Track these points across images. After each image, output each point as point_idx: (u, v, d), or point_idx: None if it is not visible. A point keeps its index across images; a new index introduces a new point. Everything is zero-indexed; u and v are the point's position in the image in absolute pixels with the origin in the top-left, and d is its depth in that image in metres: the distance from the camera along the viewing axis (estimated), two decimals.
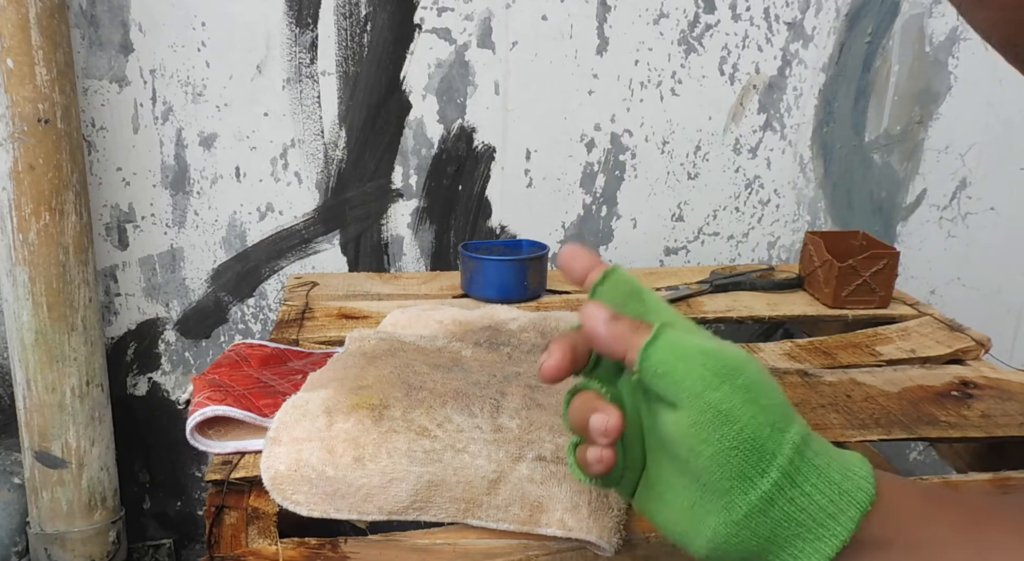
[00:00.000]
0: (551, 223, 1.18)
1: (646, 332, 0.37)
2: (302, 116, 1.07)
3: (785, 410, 0.36)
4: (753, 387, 0.35)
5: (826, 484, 0.35)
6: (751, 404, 0.35)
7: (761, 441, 0.34)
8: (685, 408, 0.35)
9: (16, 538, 1.03)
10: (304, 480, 0.54)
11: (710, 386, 0.35)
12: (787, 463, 0.34)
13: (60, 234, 0.94)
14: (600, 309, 0.39)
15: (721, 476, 0.35)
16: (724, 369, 0.35)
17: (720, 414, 0.35)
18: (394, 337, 0.77)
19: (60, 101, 0.91)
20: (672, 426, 0.36)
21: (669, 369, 0.36)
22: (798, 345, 0.88)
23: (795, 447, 0.35)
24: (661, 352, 0.36)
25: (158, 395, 1.17)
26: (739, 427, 0.34)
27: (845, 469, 0.36)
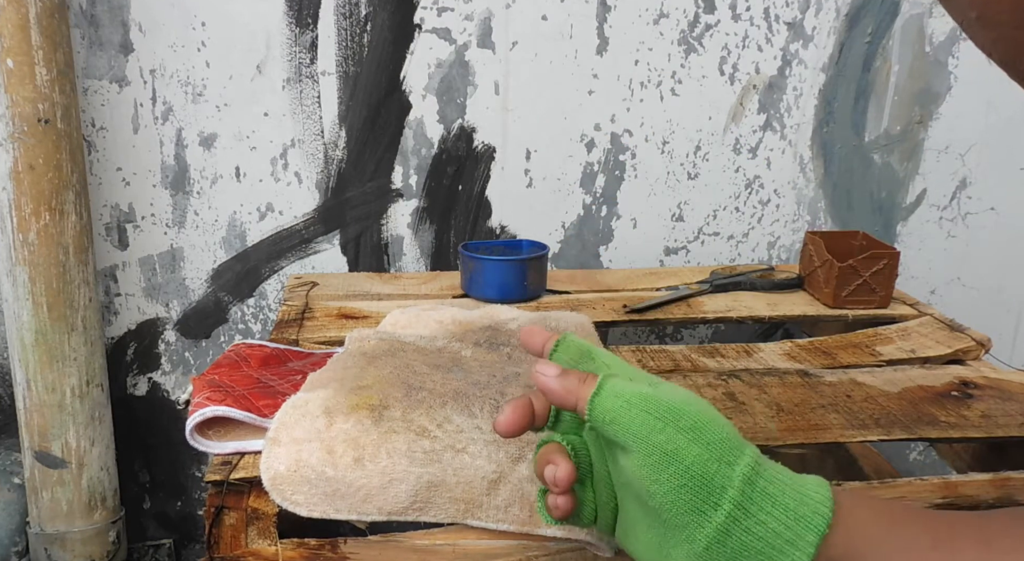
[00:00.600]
0: (551, 223, 1.18)
1: (593, 383, 0.40)
2: (302, 116, 1.07)
3: (732, 444, 0.37)
4: (697, 427, 0.37)
5: (781, 511, 0.36)
6: (695, 443, 0.37)
7: (709, 477, 0.36)
8: (634, 451, 0.37)
9: (16, 538, 1.03)
10: (304, 481, 0.54)
11: (654, 429, 0.37)
12: (738, 494, 0.36)
13: (60, 234, 0.94)
14: (549, 366, 0.42)
15: (676, 512, 0.36)
16: (667, 413, 0.38)
17: (666, 455, 0.37)
18: (394, 337, 0.77)
19: (60, 101, 0.91)
20: (627, 468, 0.38)
21: (616, 416, 0.38)
22: (798, 345, 0.88)
23: (745, 478, 0.36)
24: (607, 401, 0.39)
25: (158, 395, 1.17)
26: (685, 466, 0.36)
27: (800, 495, 0.37)
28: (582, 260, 1.20)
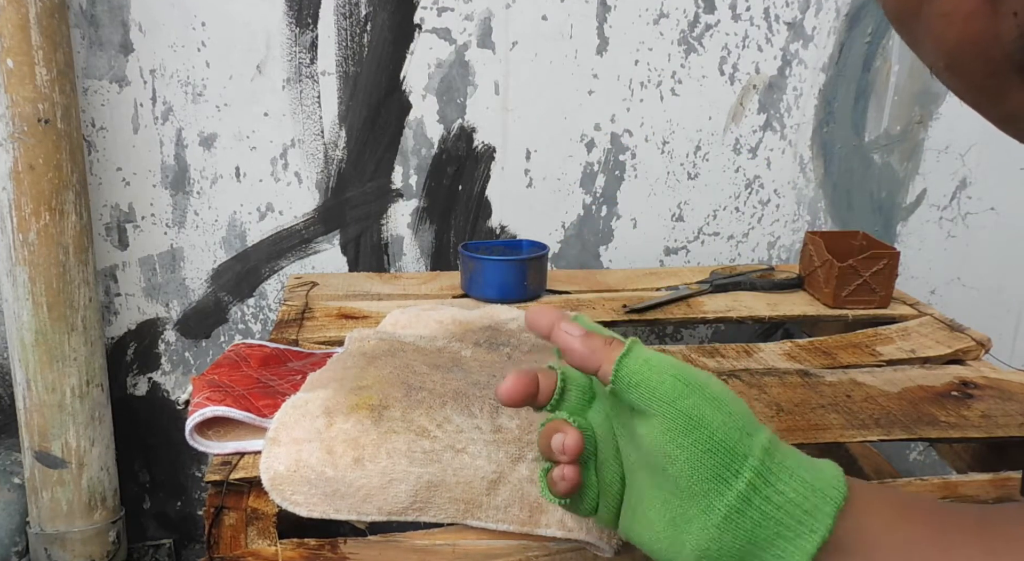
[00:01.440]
0: (551, 223, 1.18)
1: (619, 346, 0.40)
2: (302, 116, 1.07)
3: (752, 419, 0.38)
4: (721, 397, 0.38)
5: (799, 482, 0.36)
6: (720, 411, 0.37)
7: (732, 444, 0.36)
8: (659, 416, 0.37)
9: (16, 538, 1.03)
10: (303, 481, 0.54)
11: (681, 395, 0.37)
12: (759, 463, 0.36)
13: (60, 234, 0.94)
14: (574, 326, 0.41)
15: (697, 479, 0.36)
16: (693, 380, 0.38)
17: (692, 420, 0.36)
18: (394, 337, 0.77)
19: (60, 101, 0.91)
20: (647, 435, 0.38)
21: (642, 379, 0.38)
22: (798, 345, 0.88)
23: (765, 449, 0.37)
24: (634, 364, 0.38)
25: (158, 395, 1.17)
26: (710, 431, 0.36)
27: (816, 469, 0.37)
28: (582, 260, 1.20)
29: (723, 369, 0.80)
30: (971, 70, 0.26)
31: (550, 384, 0.43)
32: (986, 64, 0.25)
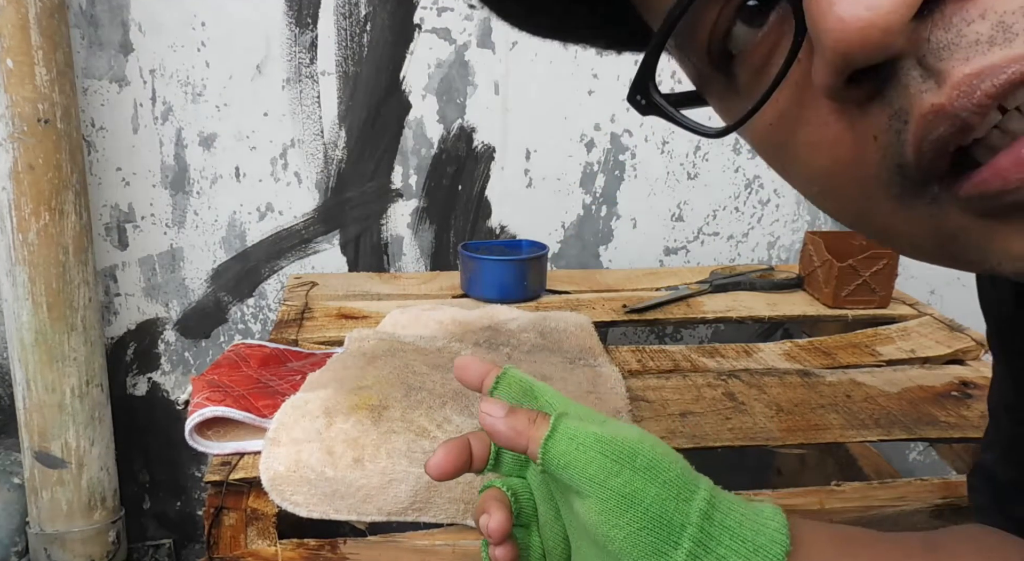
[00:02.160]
0: (551, 223, 1.18)
1: (544, 424, 0.38)
2: (302, 116, 1.07)
3: (687, 479, 0.37)
4: (652, 465, 0.37)
5: (739, 544, 0.36)
6: (653, 482, 0.36)
7: (668, 516, 0.36)
8: (591, 496, 0.37)
9: (16, 538, 1.03)
10: (303, 481, 0.54)
11: (611, 473, 0.36)
12: (697, 531, 0.35)
13: (60, 234, 0.94)
14: (496, 406, 0.40)
15: (638, 556, 0.36)
16: (622, 454, 0.37)
17: (624, 498, 0.36)
18: (394, 337, 0.77)
19: (60, 101, 0.91)
20: (583, 514, 0.37)
21: (570, 460, 0.37)
22: (798, 345, 0.87)
23: (702, 513, 0.36)
24: (560, 445, 0.37)
25: (158, 395, 1.17)
26: (644, 507, 0.36)
27: (757, 525, 0.36)
28: (582, 260, 1.20)
29: (723, 369, 0.80)
30: (844, 194, 0.26)
31: (484, 448, 0.42)
32: (857, 186, 0.25)
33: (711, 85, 0.30)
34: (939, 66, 0.21)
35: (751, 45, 0.26)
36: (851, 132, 0.24)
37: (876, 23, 0.20)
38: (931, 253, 0.26)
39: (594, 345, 0.80)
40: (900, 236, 0.26)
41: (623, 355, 0.83)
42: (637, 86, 0.28)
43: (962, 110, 0.21)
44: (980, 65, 0.20)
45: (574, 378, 0.71)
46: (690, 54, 0.29)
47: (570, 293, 1.02)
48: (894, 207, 0.25)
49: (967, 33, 0.20)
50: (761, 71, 0.26)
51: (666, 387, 0.74)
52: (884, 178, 0.24)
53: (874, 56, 0.21)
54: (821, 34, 0.21)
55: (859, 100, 0.23)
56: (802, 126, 0.25)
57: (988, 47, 0.20)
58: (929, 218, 0.24)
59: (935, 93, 0.21)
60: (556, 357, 0.76)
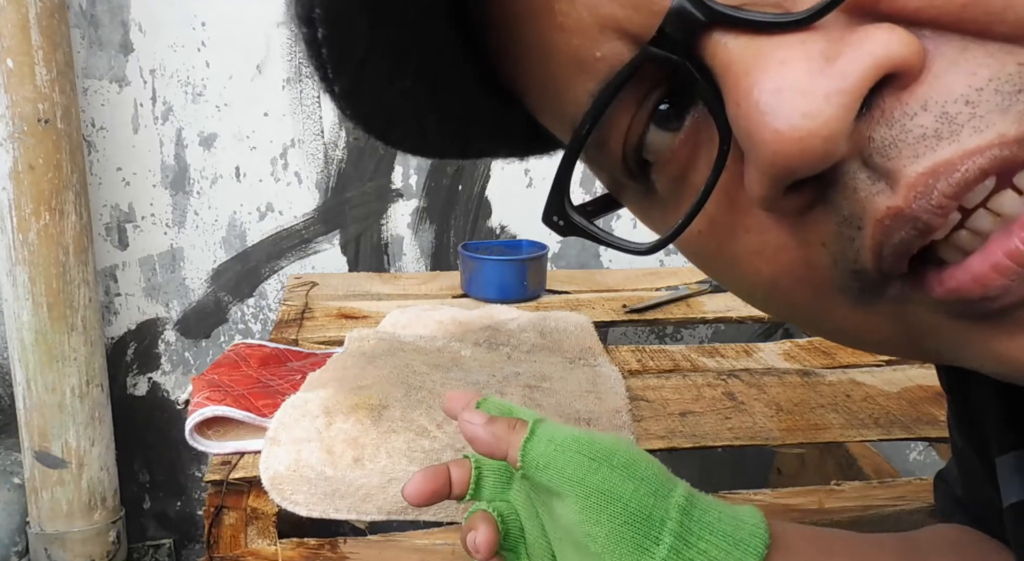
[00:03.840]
0: None
1: (523, 428, 0.39)
2: (302, 116, 1.07)
3: (665, 478, 0.38)
4: (629, 463, 0.37)
5: (720, 538, 0.36)
6: (631, 479, 0.37)
7: (647, 511, 0.36)
8: (571, 495, 0.37)
9: (16, 538, 1.03)
10: (303, 480, 0.54)
11: (589, 470, 0.37)
12: (677, 526, 0.36)
13: (60, 234, 0.94)
14: (476, 414, 0.41)
15: (620, 553, 0.36)
16: (599, 452, 0.37)
17: (604, 494, 0.36)
18: (394, 337, 0.77)
19: (60, 101, 0.91)
20: (565, 515, 0.38)
21: (549, 460, 0.38)
22: (798, 345, 0.88)
23: (681, 509, 0.36)
24: (539, 446, 0.38)
25: (158, 395, 1.17)
26: (623, 503, 0.36)
27: (736, 521, 0.37)
28: (582, 260, 1.20)
29: (723, 369, 0.80)
30: (792, 299, 0.25)
31: (464, 474, 0.42)
32: (807, 291, 0.24)
33: (627, 193, 0.28)
34: (888, 166, 0.19)
35: (668, 151, 0.24)
36: (795, 239, 0.22)
37: (817, 132, 0.19)
38: (900, 350, 0.25)
39: (594, 345, 0.80)
40: (863, 335, 0.25)
41: (623, 355, 0.83)
42: (552, 207, 0.26)
43: (922, 213, 0.19)
44: (932, 162, 0.19)
45: (574, 378, 0.71)
46: (603, 164, 0.27)
47: (570, 293, 1.02)
48: (852, 308, 0.23)
49: (911, 128, 0.19)
50: (682, 179, 0.25)
51: (666, 387, 0.74)
52: (838, 282, 0.22)
53: (817, 166, 0.19)
54: (756, 146, 0.20)
55: (800, 208, 0.21)
56: (739, 234, 0.24)
57: (936, 142, 0.19)
58: (894, 317, 0.23)
59: (889, 195, 0.20)
60: (556, 357, 0.76)
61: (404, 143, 0.31)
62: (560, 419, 0.62)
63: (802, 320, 0.26)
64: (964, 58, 0.19)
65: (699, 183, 0.23)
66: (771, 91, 0.19)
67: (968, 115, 0.18)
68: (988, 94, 0.18)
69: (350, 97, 0.27)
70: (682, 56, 0.21)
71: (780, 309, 0.26)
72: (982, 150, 0.18)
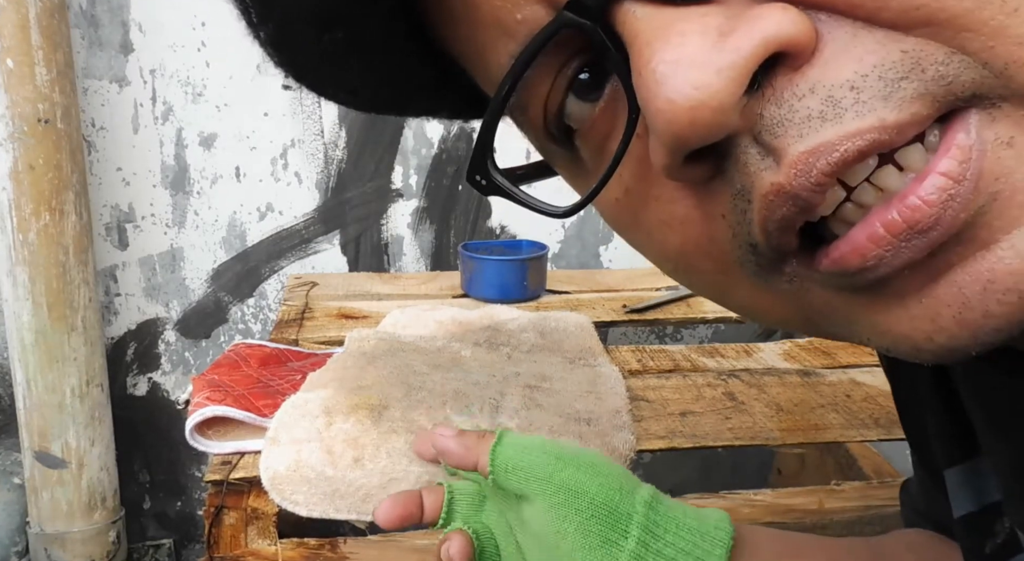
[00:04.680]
0: (551, 223, 1.18)
1: (491, 437, 0.41)
2: (302, 116, 1.07)
3: (629, 478, 0.39)
4: (594, 464, 0.39)
5: (686, 531, 0.37)
6: (596, 475, 0.38)
7: (614, 505, 0.37)
8: (540, 495, 0.38)
9: (16, 538, 1.03)
10: (303, 480, 0.54)
11: (556, 469, 0.38)
12: (644, 519, 0.37)
13: (60, 234, 0.94)
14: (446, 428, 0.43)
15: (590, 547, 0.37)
16: (564, 453, 0.39)
17: (570, 490, 0.37)
18: (394, 337, 0.77)
19: (60, 101, 0.91)
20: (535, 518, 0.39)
21: (517, 463, 0.39)
22: (798, 345, 0.88)
23: (647, 504, 0.37)
24: (508, 450, 0.40)
25: (158, 395, 1.17)
26: (590, 498, 0.37)
27: (700, 516, 0.38)
28: (582, 260, 1.20)
29: (723, 369, 0.80)
30: (700, 272, 0.25)
31: (436, 500, 0.43)
32: (712, 265, 0.24)
33: (555, 159, 0.29)
34: (775, 143, 0.20)
35: (589, 120, 0.25)
36: (699, 210, 0.23)
37: (706, 103, 0.19)
38: (801, 327, 0.25)
39: (594, 345, 0.80)
40: (766, 313, 0.25)
41: (623, 355, 0.83)
42: (474, 166, 0.26)
43: (801, 190, 0.20)
44: (814, 142, 0.19)
45: (574, 378, 0.71)
46: (527, 128, 0.28)
47: (570, 293, 1.02)
48: (753, 284, 0.24)
49: (799, 108, 0.20)
50: (602, 147, 0.25)
51: (666, 387, 0.74)
52: (738, 257, 0.23)
53: (707, 136, 0.20)
54: (652, 115, 0.20)
55: (702, 178, 0.22)
56: (650, 203, 0.24)
57: (820, 123, 0.19)
58: (791, 295, 0.23)
59: (774, 172, 0.20)
60: (556, 357, 0.76)
61: (337, 97, 0.32)
62: (560, 419, 0.62)
63: (710, 294, 0.27)
64: (854, 44, 0.19)
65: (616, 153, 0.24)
66: (668, 62, 0.20)
67: (852, 100, 0.19)
68: (872, 81, 0.19)
69: (276, 46, 0.28)
70: (595, 22, 0.21)
71: (690, 281, 0.27)
72: (862, 133, 0.19)
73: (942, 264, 0.20)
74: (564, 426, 0.60)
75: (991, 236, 0.19)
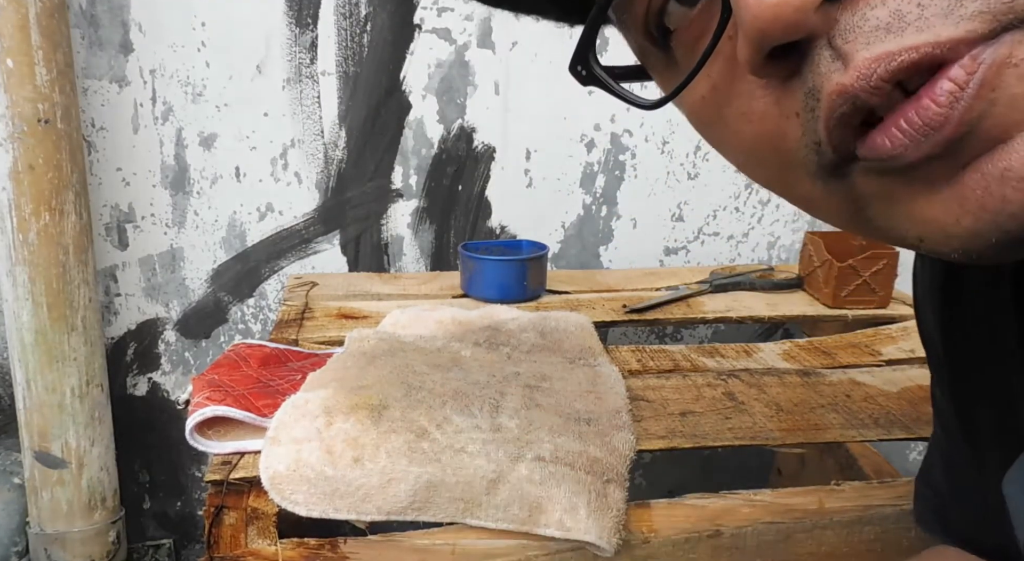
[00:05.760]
0: (551, 223, 1.18)
1: None
2: (302, 116, 1.07)
3: None
4: None
5: None
6: None
7: None
8: None
9: (16, 538, 1.03)
10: (303, 480, 0.54)
11: None
12: None
13: (60, 234, 0.94)
14: None
15: None
16: None
17: None
18: (394, 337, 0.77)
19: (60, 101, 0.91)
20: None
21: None
22: (798, 345, 0.88)
23: None
24: None
25: (158, 395, 1.17)
26: None
27: None
28: (582, 260, 1.20)
29: (723, 369, 0.80)
30: (767, 163, 0.28)
31: None
32: (779, 159, 0.27)
33: (651, 59, 0.32)
34: (845, 48, 0.23)
35: (686, 22, 0.28)
36: (776, 107, 0.25)
37: (789, 2, 0.22)
38: (848, 222, 0.28)
39: (594, 345, 0.80)
40: (819, 207, 0.28)
41: (623, 355, 0.83)
42: (578, 57, 0.30)
43: (861, 91, 0.22)
44: (877, 51, 0.22)
45: (574, 378, 0.71)
46: (629, 28, 0.30)
47: (570, 293, 1.02)
48: (813, 182, 0.26)
49: (869, 17, 0.22)
50: (695, 47, 0.28)
51: (666, 387, 0.74)
52: (803, 155, 0.25)
53: (788, 33, 0.23)
54: (740, 11, 0.23)
55: (782, 77, 0.25)
56: (733, 99, 0.27)
57: (885, 34, 0.22)
58: (843, 189, 0.26)
59: (841, 73, 0.23)
60: (556, 357, 0.76)
61: None
62: (560, 419, 0.62)
63: (774, 187, 0.29)
64: None
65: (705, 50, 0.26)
66: None
67: (916, 15, 0.21)
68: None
69: None
70: None
71: (756, 174, 0.29)
72: (917, 47, 0.21)
73: (966, 156, 0.22)
74: (564, 426, 0.60)
75: (1006, 132, 0.21)
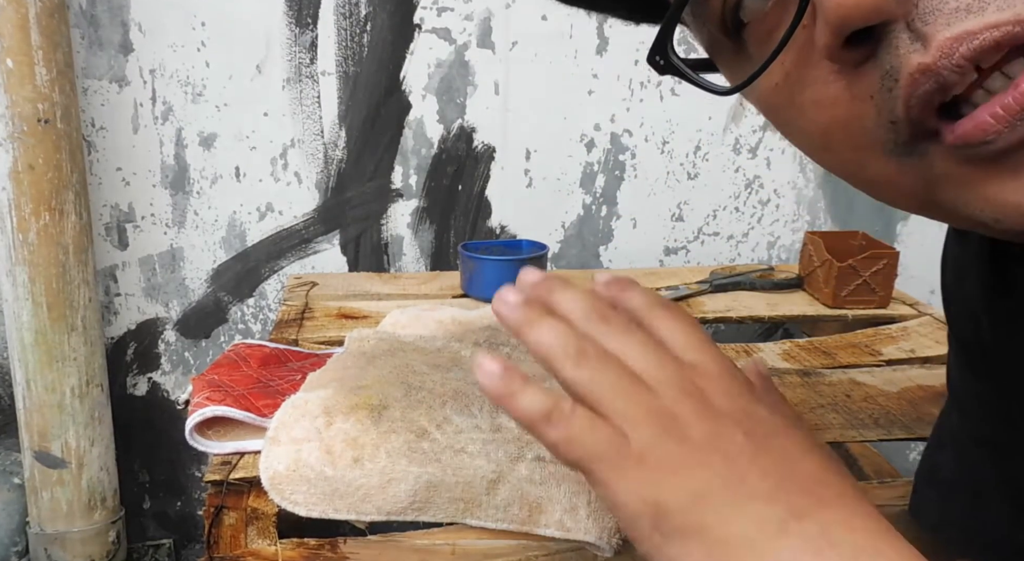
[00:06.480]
0: (551, 223, 1.18)
1: None
2: (302, 116, 1.07)
3: None
4: None
5: None
6: None
7: None
8: None
9: (16, 538, 1.03)
10: (303, 480, 0.54)
11: None
12: None
13: (60, 234, 0.94)
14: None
15: None
16: None
17: None
18: (394, 337, 0.77)
19: (60, 101, 0.91)
20: None
21: None
22: (798, 345, 0.87)
23: None
24: None
25: (158, 395, 1.17)
26: None
27: None
28: (582, 260, 1.20)
29: None
30: (840, 149, 0.29)
31: None
32: (852, 142, 0.28)
33: (722, 52, 0.33)
34: (925, 30, 0.23)
35: (760, 14, 0.29)
36: (849, 92, 0.26)
37: None
38: (917, 200, 0.28)
39: None
40: (890, 186, 0.29)
41: None
42: (657, 48, 0.31)
43: (943, 69, 0.23)
44: (959, 30, 0.23)
45: None
46: (705, 21, 0.32)
47: None
48: (886, 160, 0.27)
49: (949, 0, 0.23)
50: (768, 38, 0.29)
51: None
52: (878, 135, 0.26)
53: (869, 17, 0.24)
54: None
55: (856, 61, 0.26)
56: (805, 86, 0.28)
57: (966, 15, 0.23)
58: (917, 167, 0.27)
59: (922, 54, 0.24)
60: None
61: None
62: None
63: (842, 171, 0.30)
64: None
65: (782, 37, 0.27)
66: None
67: None
68: None
69: None
70: None
71: (824, 158, 0.31)
72: (999, 25, 0.22)
73: None
74: None
75: None
